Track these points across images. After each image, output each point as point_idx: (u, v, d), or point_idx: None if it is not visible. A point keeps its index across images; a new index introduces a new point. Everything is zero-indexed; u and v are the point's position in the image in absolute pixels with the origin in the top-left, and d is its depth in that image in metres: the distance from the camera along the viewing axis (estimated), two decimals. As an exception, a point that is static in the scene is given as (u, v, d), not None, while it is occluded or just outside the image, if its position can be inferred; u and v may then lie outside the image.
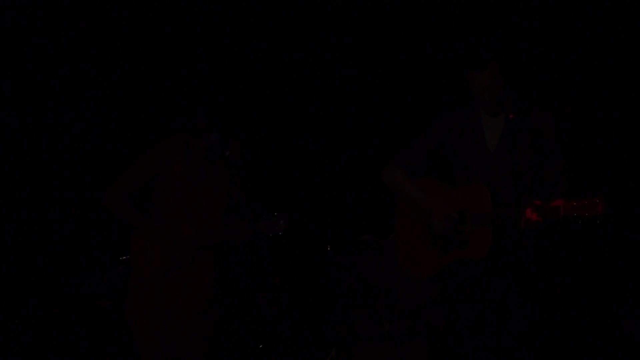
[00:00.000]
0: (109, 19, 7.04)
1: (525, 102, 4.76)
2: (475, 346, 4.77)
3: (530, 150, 4.69)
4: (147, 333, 5.10)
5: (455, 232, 4.75)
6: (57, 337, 6.30)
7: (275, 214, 5.20)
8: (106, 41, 7.06)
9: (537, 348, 4.54)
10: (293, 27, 7.30)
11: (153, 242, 5.14)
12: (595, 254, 6.57)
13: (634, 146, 6.68)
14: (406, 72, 7.31)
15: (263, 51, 7.31)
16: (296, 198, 6.52)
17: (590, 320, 6.22)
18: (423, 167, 4.99)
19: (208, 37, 7.15)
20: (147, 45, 7.09)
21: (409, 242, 5.01)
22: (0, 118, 6.93)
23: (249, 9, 7.17)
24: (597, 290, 6.52)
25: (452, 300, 4.90)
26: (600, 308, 6.26)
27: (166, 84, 6.99)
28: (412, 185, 4.94)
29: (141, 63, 7.08)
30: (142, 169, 5.20)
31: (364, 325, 6.32)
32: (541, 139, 4.72)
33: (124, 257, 5.15)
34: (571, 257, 6.41)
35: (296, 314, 6.55)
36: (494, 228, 4.58)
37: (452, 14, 6.83)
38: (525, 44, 6.72)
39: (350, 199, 7.24)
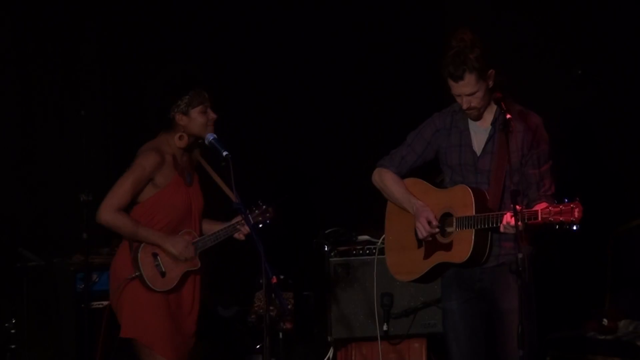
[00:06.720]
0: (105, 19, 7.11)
1: (513, 105, 4.73)
2: (462, 349, 4.80)
3: (517, 153, 4.68)
4: (165, 342, 5.03)
5: (441, 235, 4.76)
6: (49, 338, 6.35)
7: (259, 203, 5.21)
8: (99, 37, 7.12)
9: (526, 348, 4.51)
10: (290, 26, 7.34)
11: (162, 253, 5.04)
12: (580, 256, 6.57)
13: (623, 149, 6.66)
14: (398, 75, 7.33)
15: (259, 49, 7.34)
16: (294, 198, 6.52)
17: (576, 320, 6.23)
18: (412, 168, 4.99)
19: (197, 35, 7.19)
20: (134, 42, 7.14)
21: (397, 243, 5.02)
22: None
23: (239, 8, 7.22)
24: (582, 290, 6.53)
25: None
26: (587, 308, 6.27)
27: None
28: (400, 187, 4.95)
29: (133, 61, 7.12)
30: (140, 176, 5.00)
31: (361, 325, 6.33)
32: (529, 141, 4.71)
33: (132, 276, 5.03)
34: (554, 260, 6.41)
35: (294, 313, 6.56)
36: (476, 232, 4.59)
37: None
38: (509, 51, 6.72)
39: (349, 199, 7.25)
